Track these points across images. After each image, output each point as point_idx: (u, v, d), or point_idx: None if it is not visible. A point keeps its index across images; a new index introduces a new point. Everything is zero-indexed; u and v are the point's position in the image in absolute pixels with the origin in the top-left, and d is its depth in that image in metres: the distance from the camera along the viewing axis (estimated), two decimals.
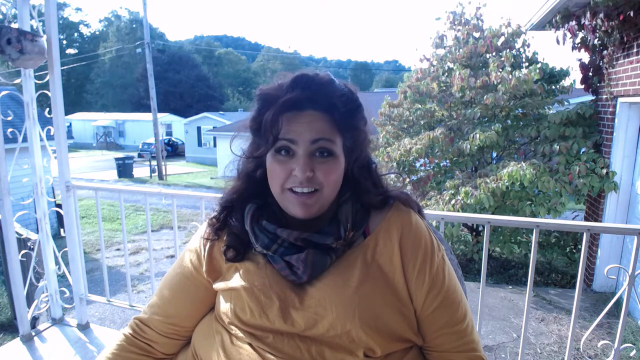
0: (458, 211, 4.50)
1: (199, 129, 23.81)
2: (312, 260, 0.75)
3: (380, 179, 0.86)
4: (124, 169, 17.23)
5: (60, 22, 45.67)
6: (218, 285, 0.83)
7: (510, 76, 5.03)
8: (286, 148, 0.75)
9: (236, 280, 0.79)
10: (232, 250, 0.82)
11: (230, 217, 0.86)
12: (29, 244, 2.56)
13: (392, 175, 0.94)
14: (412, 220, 0.81)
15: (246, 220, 0.82)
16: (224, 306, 0.80)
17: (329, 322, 0.73)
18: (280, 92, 0.75)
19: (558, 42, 4.68)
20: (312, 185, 0.75)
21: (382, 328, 0.74)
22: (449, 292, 0.79)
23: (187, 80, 43.31)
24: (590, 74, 4.64)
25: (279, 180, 0.76)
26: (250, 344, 0.75)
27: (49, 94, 1.97)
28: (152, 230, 8.61)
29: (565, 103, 5.60)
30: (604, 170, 4.22)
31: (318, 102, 0.75)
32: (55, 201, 2.53)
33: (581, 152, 4.57)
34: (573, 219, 5.58)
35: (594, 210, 4.64)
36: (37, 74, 1.99)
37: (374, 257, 0.78)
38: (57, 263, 2.20)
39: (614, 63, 4.15)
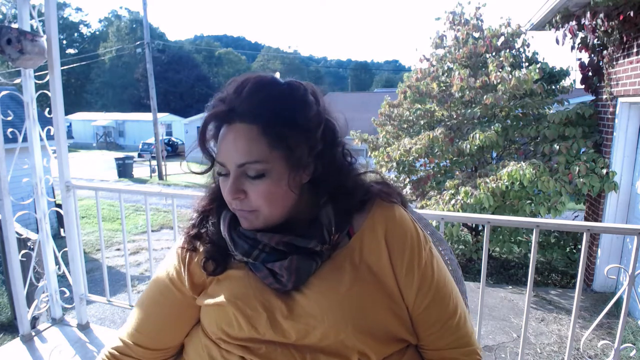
0: (458, 211, 4.50)
1: (199, 128, 23.73)
2: (296, 267, 0.72)
3: (359, 179, 0.81)
4: (124, 169, 17.23)
5: (60, 22, 45.67)
6: (200, 301, 0.79)
7: (510, 76, 5.03)
8: (222, 169, 0.72)
9: (219, 295, 0.75)
10: (211, 262, 0.78)
11: (206, 224, 0.81)
12: (29, 244, 2.56)
13: (372, 169, 0.87)
14: (395, 214, 0.78)
15: (223, 226, 0.77)
16: (210, 321, 0.77)
17: (321, 332, 0.70)
18: (214, 103, 0.72)
19: (558, 42, 4.68)
20: (246, 208, 0.71)
21: (376, 332, 0.72)
22: (439, 287, 0.77)
23: (187, 80, 43.31)
24: (590, 74, 4.64)
25: (225, 197, 0.73)
26: (242, 358, 0.72)
27: (49, 94, 1.97)
28: (152, 230, 8.61)
29: (565, 103, 5.60)
30: (604, 170, 4.22)
31: (245, 113, 0.68)
32: (55, 201, 2.53)
33: (581, 152, 4.57)
34: (573, 219, 5.58)
35: (594, 210, 4.64)
36: (37, 74, 1.99)
37: (362, 257, 0.75)
38: (57, 263, 2.20)
39: (614, 63, 4.15)
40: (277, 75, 0.77)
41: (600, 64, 4.41)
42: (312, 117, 0.71)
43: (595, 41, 4.28)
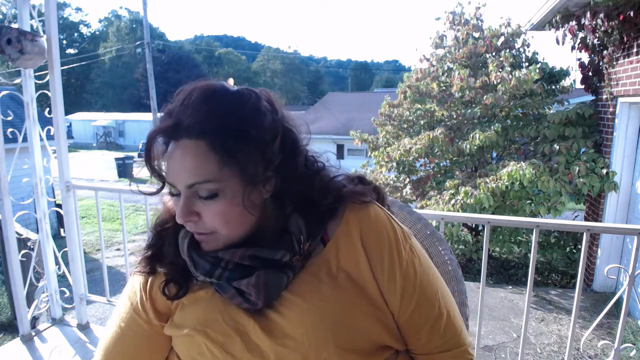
0: (458, 211, 4.50)
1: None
2: (265, 283, 0.66)
3: (329, 184, 0.73)
4: (124, 169, 17.24)
5: (60, 22, 45.69)
6: (168, 331, 0.73)
7: (510, 76, 5.03)
8: (173, 189, 0.66)
9: (186, 323, 0.70)
10: (172, 285, 0.72)
11: (164, 243, 0.75)
12: (29, 244, 2.56)
13: (342, 171, 0.80)
14: (370, 214, 0.72)
15: (182, 246, 0.71)
16: (182, 351, 0.72)
17: (301, 354, 0.64)
18: (161, 117, 0.66)
19: (558, 42, 4.68)
20: (202, 230, 0.66)
21: (360, 346, 0.67)
22: (423, 287, 0.71)
23: (187, 80, 41.68)
24: (590, 74, 4.64)
25: (177, 220, 0.67)
26: None
27: (49, 94, 1.97)
28: None
29: (565, 103, 5.60)
30: (604, 170, 4.22)
31: (191, 128, 0.62)
32: (55, 201, 2.53)
33: (581, 152, 4.57)
34: (573, 219, 5.59)
35: (594, 210, 4.64)
36: (37, 74, 1.99)
37: (339, 265, 0.70)
38: (57, 263, 2.21)
39: (614, 63, 4.15)
40: (230, 81, 0.71)
41: (600, 64, 4.41)
42: (266, 128, 0.65)
43: (595, 41, 4.28)
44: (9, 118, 1.98)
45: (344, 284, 0.69)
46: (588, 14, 4.06)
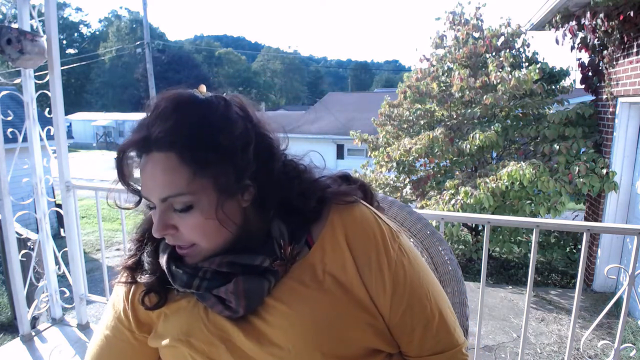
0: (458, 211, 4.50)
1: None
2: (245, 289, 0.64)
3: (312, 186, 0.71)
4: None
5: (60, 22, 45.69)
6: (152, 343, 0.72)
7: (509, 76, 5.03)
8: (149, 203, 0.65)
9: (169, 333, 0.69)
10: (153, 294, 0.71)
11: (143, 253, 0.74)
12: (29, 244, 2.56)
13: (325, 173, 0.77)
14: (355, 213, 0.70)
15: (162, 257, 0.70)
16: None
17: None
18: (134, 128, 0.65)
19: (558, 42, 4.68)
20: (181, 242, 0.66)
21: (350, 352, 0.65)
22: (414, 287, 0.69)
23: (187, 80, 43.08)
24: (590, 74, 4.64)
25: (154, 234, 0.66)
26: None
27: (49, 94, 1.98)
28: None
29: (565, 103, 5.60)
30: (604, 170, 4.22)
31: (160, 140, 0.61)
32: (55, 201, 2.53)
33: (581, 152, 4.57)
34: (573, 219, 5.58)
35: (594, 210, 4.64)
36: (37, 74, 1.99)
37: (325, 268, 0.67)
38: (57, 263, 2.21)
39: (614, 63, 4.15)
40: (202, 88, 0.68)
41: (600, 64, 4.41)
42: (237, 135, 0.63)
43: (595, 41, 4.28)
44: (9, 118, 1.98)
45: (331, 288, 0.66)
46: (588, 14, 4.06)
